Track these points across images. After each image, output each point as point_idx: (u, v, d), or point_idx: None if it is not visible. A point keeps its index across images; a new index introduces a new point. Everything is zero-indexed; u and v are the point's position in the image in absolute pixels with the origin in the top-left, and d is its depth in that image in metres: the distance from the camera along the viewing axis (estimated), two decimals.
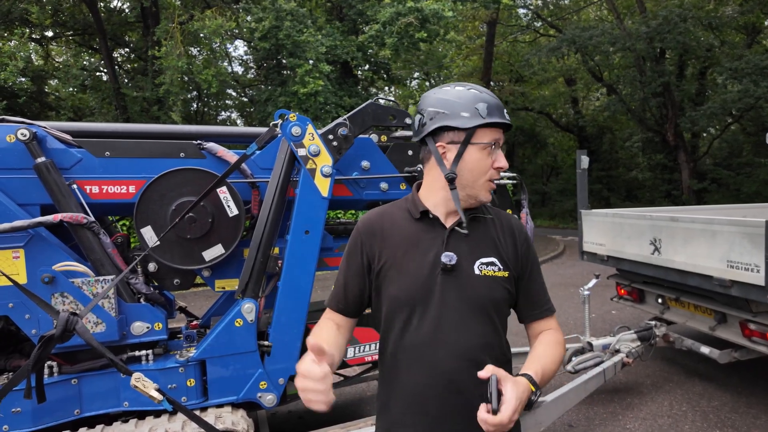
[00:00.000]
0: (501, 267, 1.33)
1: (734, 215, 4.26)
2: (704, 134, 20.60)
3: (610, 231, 4.58)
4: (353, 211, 11.21)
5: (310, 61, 11.14)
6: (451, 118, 1.30)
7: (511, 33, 23.40)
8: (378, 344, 1.50)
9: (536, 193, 26.00)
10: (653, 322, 4.27)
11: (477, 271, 1.31)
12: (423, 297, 1.30)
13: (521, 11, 23.23)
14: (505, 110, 1.35)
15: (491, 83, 19.29)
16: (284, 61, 11.83)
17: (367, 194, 2.87)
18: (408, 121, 2.87)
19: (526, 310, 1.42)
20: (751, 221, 3.16)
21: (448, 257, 1.28)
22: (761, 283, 3.06)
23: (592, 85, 23.49)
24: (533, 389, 1.20)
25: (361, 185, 2.85)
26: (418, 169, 2.87)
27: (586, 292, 4.29)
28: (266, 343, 2.52)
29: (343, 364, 2.92)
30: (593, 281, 4.40)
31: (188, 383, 2.42)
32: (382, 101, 2.85)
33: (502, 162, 1.33)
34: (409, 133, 2.94)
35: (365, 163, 2.83)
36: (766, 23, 18.53)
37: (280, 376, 2.55)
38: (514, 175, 3.04)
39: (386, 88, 19.99)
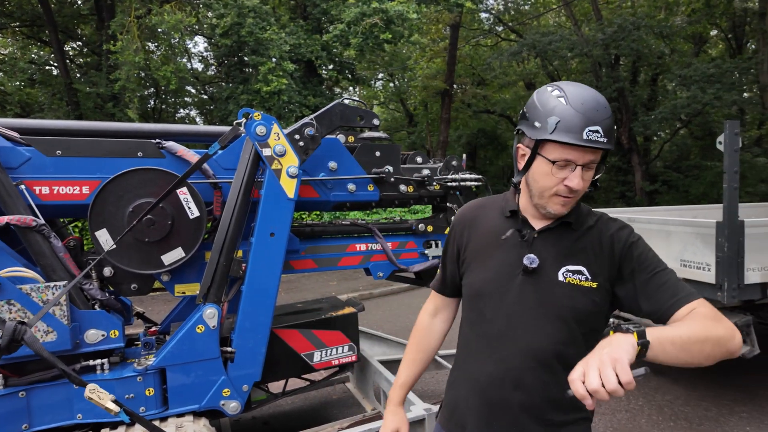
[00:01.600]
0: (589, 277, 1.28)
1: (686, 216, 4.46)
2: (655, 138, 21.51)
3: None
4: (317, 212, 11.12)
5: (273, 59, 10.96)
6: (528, 123, 1.28)
7: (473, 37, 23.78)
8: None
9: (498, 194, 26.47)
10: (612, 320, 4.42)
11: (561, 278, 1.29)
12: (500, 293, 1.33)
13: (483, 15, 23.66)
14: (591, 130, 1.19)
15: (454, 86, 19.54)
16: (246, 58, 11.60)
17: (335, 195, 2.84)
18: (376, 122, 2.85)
19: (653, 311, 1.25)
20: (703, 222, 3.31)
21: (529, 260, 1.29)
22: (712, 281, 3.21)
23: None
24: (636, 338, 1.02)
25: (328, 186, 2.82)
26: (386, 170, 2.86)
27: None
28: (229, 349, 2.45)
29: (310, 368, 2.87)
30: None
31: (147, 393, 2.32)
32: (348, 101, 2.82)
33: (573, 182, 1.23)
34: (377, 134, 2.93)
35: (332, 164, 2.79)
36: (711, 33, 19.54)
37: (244, 383, 2.48)
38: (480, 176, 3.08)
39: (351, 88, 19.93)
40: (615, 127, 1.24)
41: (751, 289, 3.29)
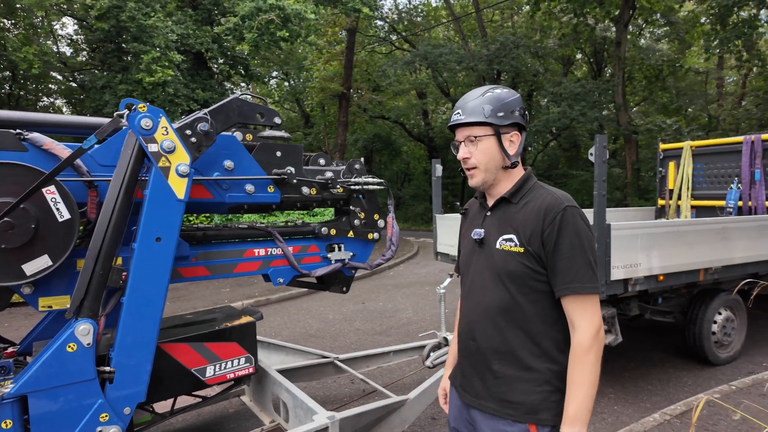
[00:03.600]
0: (518, 243, 1.49)
1: None
2: (530, 148, 23.64)
3: None
4: (206, 215, 10.47)
5: (158, 49, 10.12)
6: None
7: (369, 43, 24.21)
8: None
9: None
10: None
11: (498, 246, 1.53)
12: (468, 263, 1.65)
13: (378, 23, 24.19)
14: (454, 114, 1.55)
15: (350, 90, 19.69)
16: (126, 45, 10.59)
17: (230, 197, 2.66)
18: (277, 120, 2.73)
19: (553, 285, 1.46)
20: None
21: (477, 234, 1.60)
22: None
23: (441, 100, 25.45)
24: None
25: (223, 187, 2.63)
26: (288, 171, 2.75)
27: (442, 291, 4.55)
28: (108, 368, 2.17)
29: (202, 384, 2.65)
30: (448, 280, 4.69)
31: (3, 426, 1.96)
32: (249, 98, 2.66)
33: (459, 154, 1.57)
34: (279, 133, 2.81)
35: (228, 163, 2.61)
36: (577, 56, 21.96)
37: (126, 405, 2.21)
38: (381, 180, 3.09)
39: (243, 84, 19.17)
40: (490, 107, 1.51)
41: (616, 285, 3.70)
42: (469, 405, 1.63)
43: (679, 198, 7.15)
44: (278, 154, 2.77)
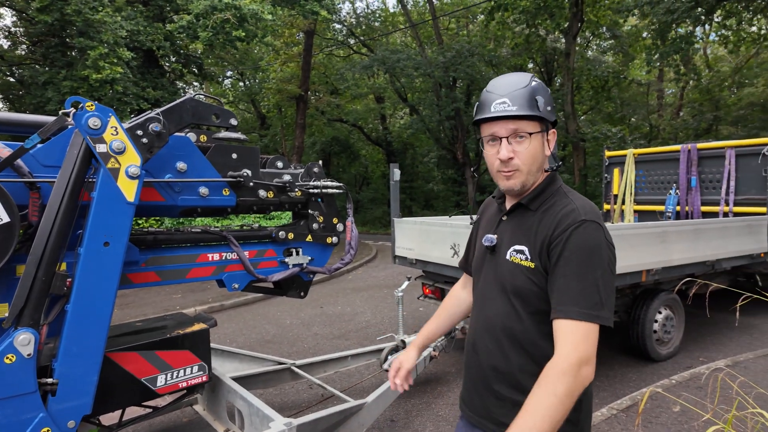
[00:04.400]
0: (529, 257, 1.33)
1: None
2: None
3: (418, 237, 5.02)
4: (156, 219, 10.10)
5: (106, 45, 9.70)
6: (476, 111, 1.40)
7: (327, 46, 24.12)
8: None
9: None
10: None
11: (507, 257, 1.39)
12: (477, 270, 1.53)
13: (337, 26, 24.15)
14: (497, 102, 1.29)
15: (308, 92, 19.54)
16: (70, 40, 10.08)
17: (183, 199, 2.58)
18: (233, 122, 2.67)
19: (551, 304, 1.27)
20: None
21: (488, 240, 1.45)
22: None
23: (398, 105, 25.68)
24: None
25: (175, 189, 2.55)
26: (244, 174, 2.70)
27: (400, 294, 4.59)
28: (50, 380, 2.06)
29: (152, 394, 2.56)
30: (405, 283, 4.74)
31: None
32: (203, 98, 2.59)
33: (501, 153, 1.31)
34: (234, 135, 2.75)
35: (181, 165, 2.53)
36: (529, 66, 22.71)
37: (70, 418, 2.10)
38: (340, 184, 3.08)
39: (196, 83, 18.65)
40: (542, 99, 1.30)
41: None
42: (469, 421, 1.50)
43: (623, 203, 7.52)
44: (234, 156, 2.72)
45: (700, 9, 14.16)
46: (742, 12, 15.53)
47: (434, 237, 4.74)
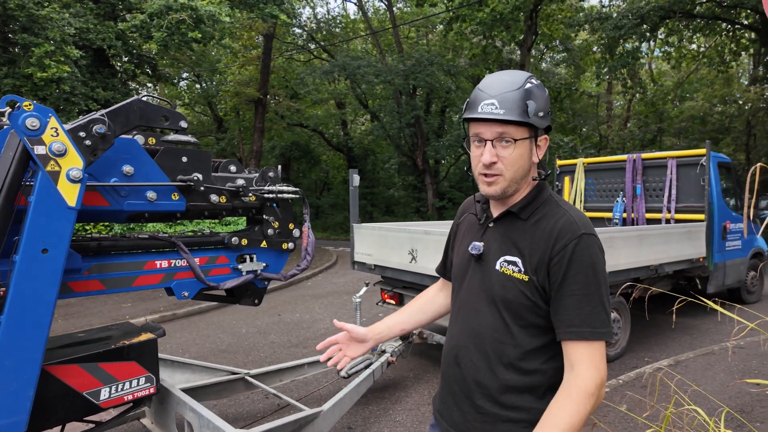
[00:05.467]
0: (522, 269, 1.26)
1: None
2: (443, 161, 24.63)
3: (377, 242, 5.03)
4: (105, 224, 9.68)
5: (53, 42, 9.25)
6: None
7: (287, 50, 23.92)
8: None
9: (310, 207, 26.84)
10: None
11: (498, 267, 1.31)
12: (460, 276, 1.44)
13: (297, 31, 24.00)
14: (485, 103, 1.22)
15: (267, 96, 19.29)
16: (13, 36, 9.55)
17: (129, 204, 2.48)
18: (183, 124, 2.60)
19: (555, 324, 1.24)
20: None
21: (475, 248, 1.36)
22: None
23: (359, 111, 25.76)
24: None
25: (121, 194, 2.45)
26: (195, 178, 2.63)
27: (358, 300, 4.58)
28: None
29: (95, 408, 2.44)
30: (364, 289, 4.74)
31: None
32: (152, 99, 2.51)
33: (484, 157, 1.25)
34: (185, 137, 2.68)
35: (128, 168, 2.44)
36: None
37: None
38: (297, 189, 3.05)
39: (150, 84, 18.05)
40: (534, 105, 1.22)
41: None
42: None
43: None
44: (184, 159, 2.64)
45: (645, 26, 14.96)
46: (683, 30, 16.51)
47: (393, 242, 4.76)
